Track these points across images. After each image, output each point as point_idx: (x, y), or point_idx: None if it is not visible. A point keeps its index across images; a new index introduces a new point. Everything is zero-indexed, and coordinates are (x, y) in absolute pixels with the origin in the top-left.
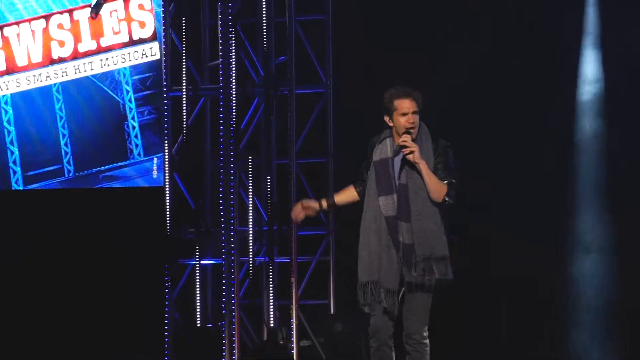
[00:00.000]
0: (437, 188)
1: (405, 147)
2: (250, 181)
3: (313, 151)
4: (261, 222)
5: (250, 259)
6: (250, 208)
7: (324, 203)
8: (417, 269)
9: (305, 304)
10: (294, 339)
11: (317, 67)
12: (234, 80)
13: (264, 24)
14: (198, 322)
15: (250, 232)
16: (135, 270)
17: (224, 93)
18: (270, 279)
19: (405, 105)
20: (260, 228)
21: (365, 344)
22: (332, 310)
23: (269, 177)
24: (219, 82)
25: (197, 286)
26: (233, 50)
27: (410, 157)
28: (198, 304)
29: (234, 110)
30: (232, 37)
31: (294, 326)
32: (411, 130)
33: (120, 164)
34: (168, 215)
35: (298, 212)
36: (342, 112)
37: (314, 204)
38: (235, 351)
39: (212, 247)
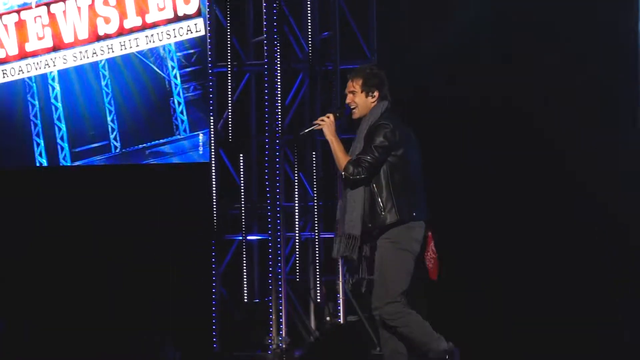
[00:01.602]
0: (338, 163)
1: (315, 125)
2: (296, 156)
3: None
4: (307, 197)
5: (297, 235)
6: (296, 183)
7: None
8: (339, 245)
9: None
10: (341, 314)
11: (361, 42)
12: (278, 56)
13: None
14: (245, 297)
15: (296, 207)
16: (181, 246)
17: (268, 69)
18: (317, 255)
19: (347, 86)
20: (305, 203)
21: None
22: None
23: (314, 152)
24: (264, 57)
25: (244, 262)
26: (277, 26)
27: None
28: (245, 279)
29: (279, 86)
30: (275, 12)
31: (340, 302)
32: (353, 110)
33: (166, 140)
34: (214, 191)
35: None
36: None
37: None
38: (283, 327)
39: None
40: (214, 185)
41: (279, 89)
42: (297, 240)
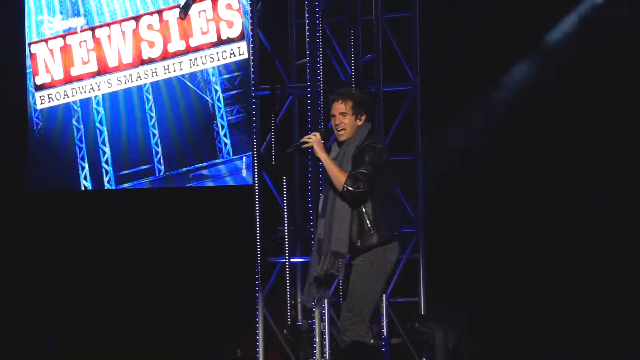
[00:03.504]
0: (335, 179)
1: (303, 144)
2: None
3: (401, 148)
4: None
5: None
6: None
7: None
8: (324, 262)
9: (395, 302)
10: (385, 336)
11: (404, 64)
12: (321, 79)
13: (351, 22)
14: (288, 319)
15: None
16: (226, 268)
17: (311, 91)
18: None
19: (334, 107)
20: None
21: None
22: (422, 309)
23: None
24: (307, 80)
25: (287, 284)
26: (320, 49)
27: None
28: (288, 301)
29: (321, 109)
30: (319, 35)
31: (384, 324)
32: (340, 132)
33: (209, 162)
34: (257, 214)
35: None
36: (429, 109)
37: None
38: (327, 348)
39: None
40: (257, 208)
41: (321, 112)
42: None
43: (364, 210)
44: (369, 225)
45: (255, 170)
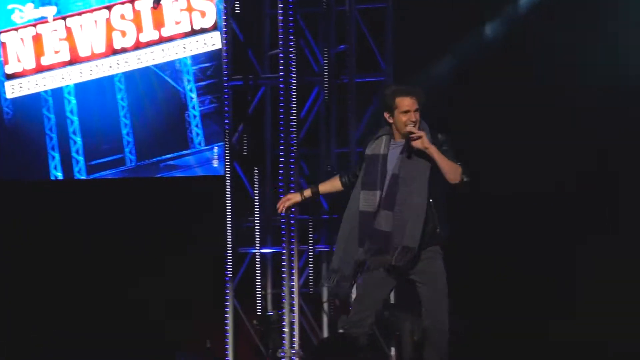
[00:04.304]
0: (452, 169)
1: (412, 135)
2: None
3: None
4: (321, 210)
5: (311, 248)
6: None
7: (307, 192)
8: (396, 256)
9: None
10: None
11: (377, 55)
12: (293, 69)
13: (325, 13)
14: (258, 310)
15: (310, 220)
16: (196, 259)
17: (283, 82)
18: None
19: (406, 103)
20: (320, 216)
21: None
22: (392, 299)
23: (329, 166)
24: (279, 71)
25: (257, 275)
26: (293, 39)
27: (417, 143)
28: (258, 292)
29: (294, 99)
30: (292, 26)
31: None
32: (414, 127)
33: (180, 153)
34: (228, 204)
35: (282, 202)
36: None
37: (295, 196)
38: (296, 339)
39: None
40: (228, 198)
41: (294, 102)
42: (310, 253)
43: (432, 204)
44: (436, 221)
45: (227, 160)
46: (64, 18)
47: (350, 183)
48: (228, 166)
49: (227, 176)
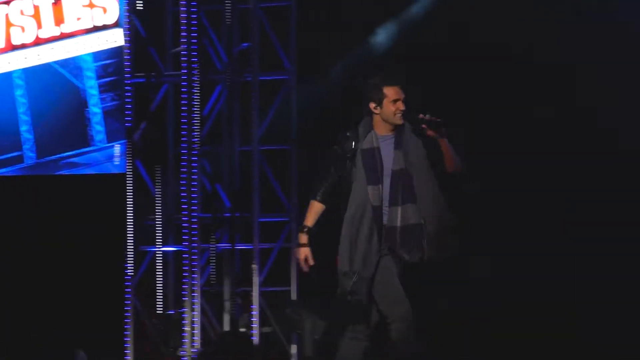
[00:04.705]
0: (457, 159)
1: (424, 123)
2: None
3: (276, 138)
4: (223, 209)
5: (212, 246)
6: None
7: (305, 237)
8: (430, 247)
9: (267, 291)
10: (256, 325)
11: (280, 54)
12: (196, 67)
13: (228, 10)
14: (159, 309)
15: (212, 219)
16: (96, 257)
17: (186, 80)
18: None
19: (397, 92)
20: (222, 215)
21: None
22: (294, 297)
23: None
24: (182, 68)
25: (159, 273)
26: (196, 37)
27: (431, 132)
28: (159, 290)
29: (197, 97)
30: (195, 23)
31: (255, 313)
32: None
33: (80, 150)
34: (130, 202)
35: (302, 262)
36: (305, 100)
37: (305, 249)
38: (197, 338)
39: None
40: (129, 196)
41: (196, 100)
42: (212, 251)
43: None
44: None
45: (129, 158)
46: None
47: (326, 195)
48: (130, 164)
49: (129, 174)
